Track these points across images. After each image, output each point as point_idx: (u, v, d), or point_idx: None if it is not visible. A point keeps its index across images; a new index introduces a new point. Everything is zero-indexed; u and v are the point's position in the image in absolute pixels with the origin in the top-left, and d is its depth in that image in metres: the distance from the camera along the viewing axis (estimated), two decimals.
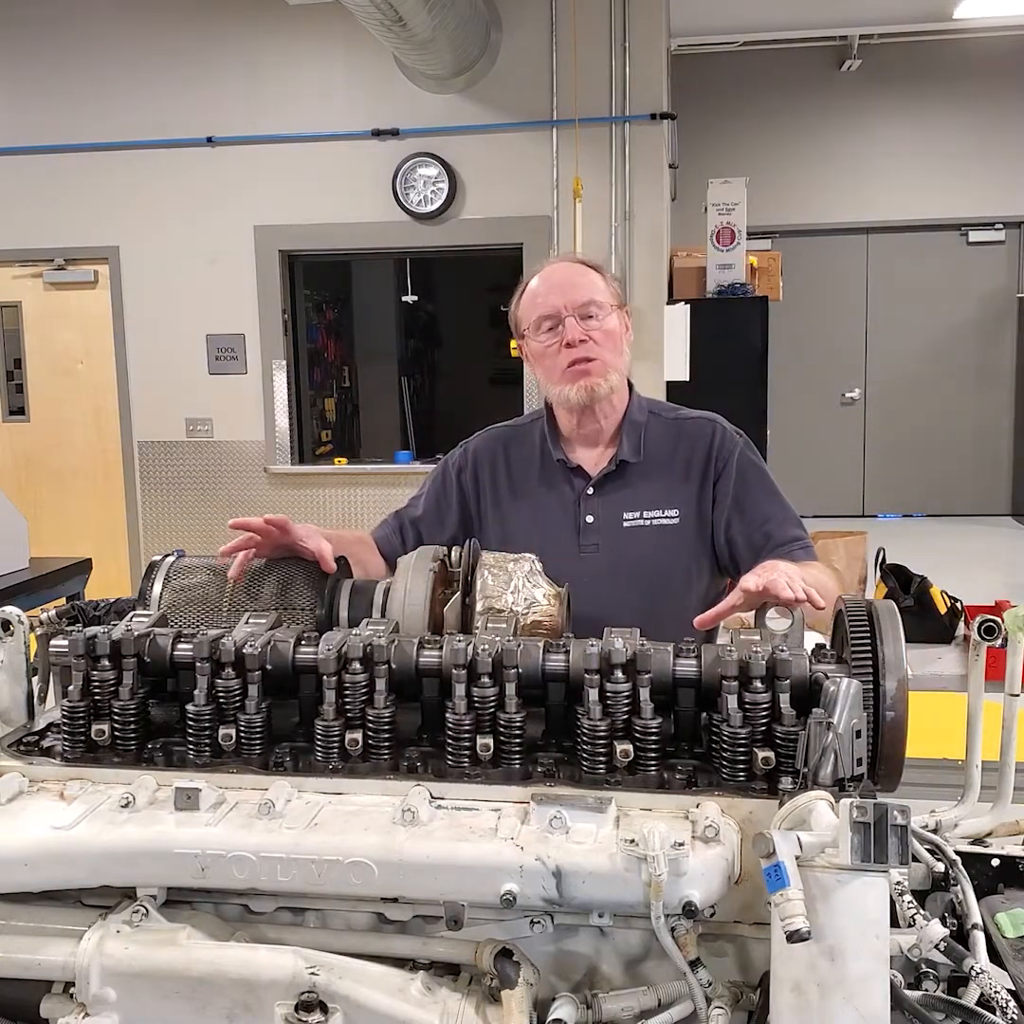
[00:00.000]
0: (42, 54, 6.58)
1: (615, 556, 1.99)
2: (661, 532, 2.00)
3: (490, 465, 2.13)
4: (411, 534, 2.12)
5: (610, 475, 2.04)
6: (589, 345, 1.98)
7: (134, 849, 1.20)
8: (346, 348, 8.45)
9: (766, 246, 8.14)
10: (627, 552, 1.99)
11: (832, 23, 7.91)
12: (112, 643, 1.36)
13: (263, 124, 6.42)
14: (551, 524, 2.04)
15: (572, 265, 2.06)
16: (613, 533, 2.00)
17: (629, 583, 1.96)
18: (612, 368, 2.01)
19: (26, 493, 6.65)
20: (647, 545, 1.99)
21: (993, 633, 1.61)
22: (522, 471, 2.11)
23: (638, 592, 1.95)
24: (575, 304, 1.97)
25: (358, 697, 1.31)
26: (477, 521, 2.12)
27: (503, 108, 6.22)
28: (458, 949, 1.22)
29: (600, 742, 1.26)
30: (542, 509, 2.06)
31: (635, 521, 2.01)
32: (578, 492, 2.05)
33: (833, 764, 1.10)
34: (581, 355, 1.97)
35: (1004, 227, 9.46)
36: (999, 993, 1.16)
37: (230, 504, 6.72)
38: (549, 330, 1.99)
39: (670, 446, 2.06)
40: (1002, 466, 9.68)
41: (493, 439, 2.17)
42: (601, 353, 1.99)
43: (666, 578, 1.98)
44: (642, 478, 2.03)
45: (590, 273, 2.04)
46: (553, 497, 2.06)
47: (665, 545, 1.99)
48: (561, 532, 2.03)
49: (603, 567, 1.97)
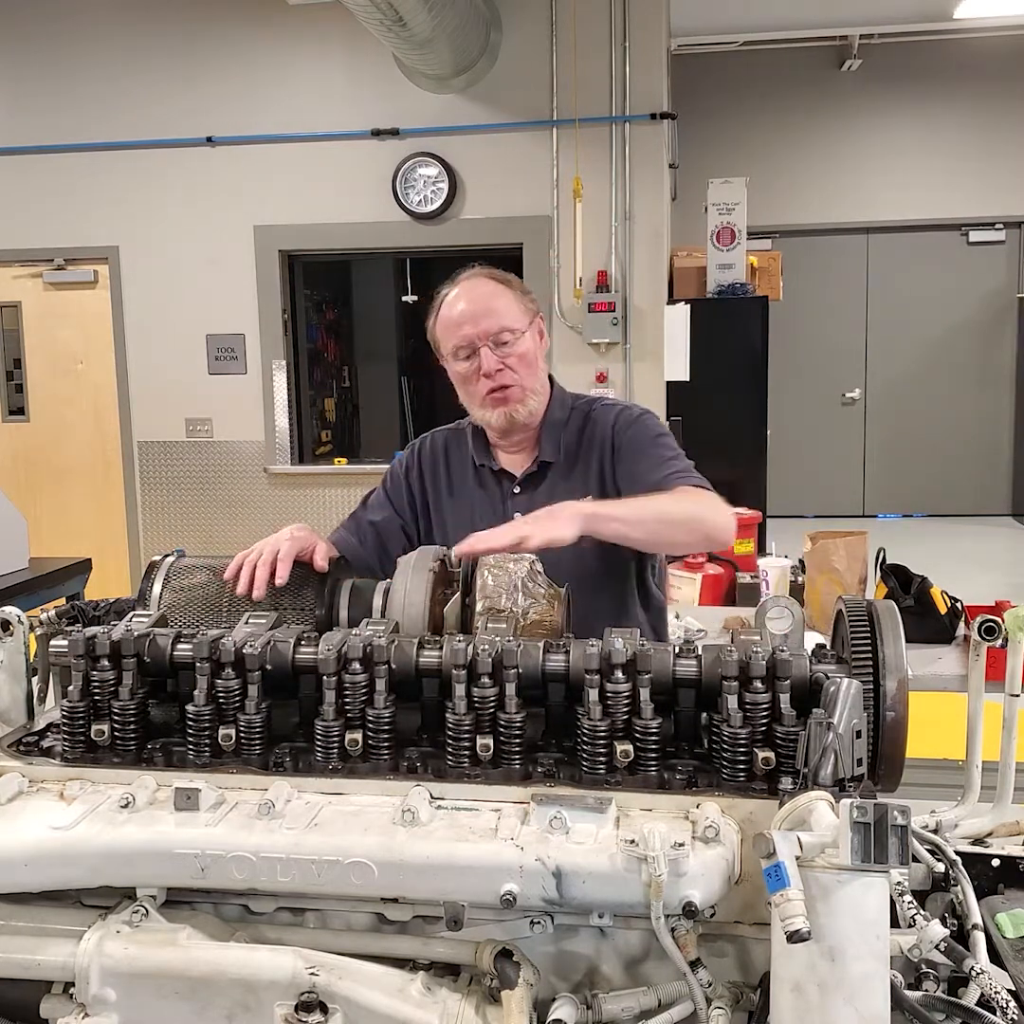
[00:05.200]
0: (42, 54, 6.57)
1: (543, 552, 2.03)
2: None
3: (432, 464, 2.22)
4: (369, 533, 2.18)
5: (533, 475, 2.14)
6: (505, 373, 2.04)
7: (134, 849, 1.20)
8: (346, 348, 8.45)
9: (766, 246, 8.14)
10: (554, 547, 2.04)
11: (832, 23, 7.90)
12: (112, 643, 1.36)
13: (263, 124, 6.42)
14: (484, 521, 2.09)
15: (482, 284, 2.09)
16: None
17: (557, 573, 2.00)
18: (530, 391, 2.09)
19: (26, 493, 6.65)
20: None
21: (993, 633, 1.62)
22: (459, 472, 2.20)
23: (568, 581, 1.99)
24: (488, 333, 2.02)
25: (358, 697, 1.31)
26: (424, 519, 2.20)
27: (503, 108, 6.22)
28: (458, 949, 1.22)
29: (600, 742, 1.26)
30: (476, 507, 2.15)
31: None
32: (505, 492, 2.15)
33: (833, 764, 1.10)
34: (498, 383, 2.04)
35: (1004, 227, 9.46)
36: (999, 993, 1.16)
37: (230, 504, 6.72)
38: (466, 358, 2.06)
39: (583, 438, 2.14)
40: (1002, 466, 9.68)
41: (436, 440, 2.26)
42: (517, 379, 2.06)
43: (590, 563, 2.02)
44: (560, 475, 2.12)
45: (501, 294, 2.07)
46: (484, 496, 2.16)
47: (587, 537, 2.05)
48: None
49: None
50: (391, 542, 2.16)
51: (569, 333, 6.25)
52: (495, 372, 2.03)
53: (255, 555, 1.67)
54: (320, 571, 1.70)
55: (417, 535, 2.19)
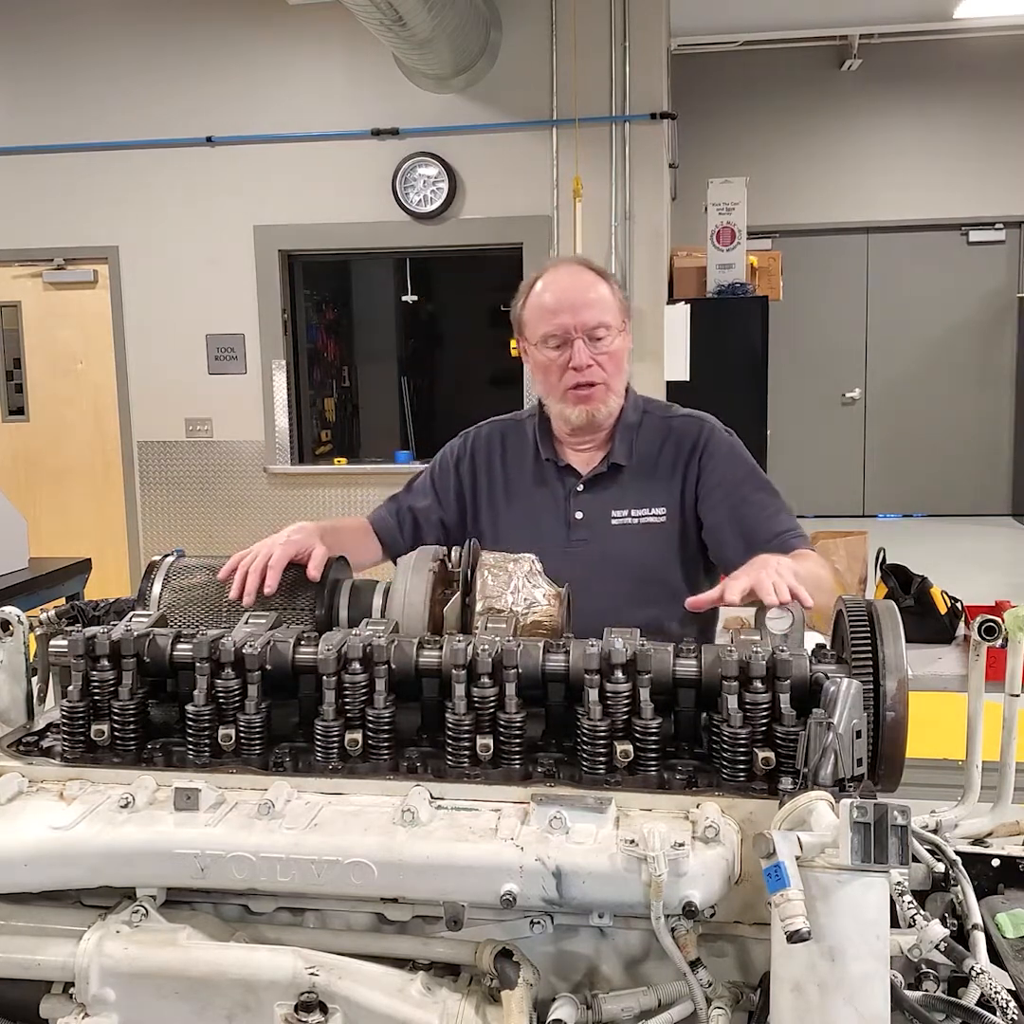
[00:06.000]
0: (42, 54, 6.57)
1: (603, 551, 2.02)
2: (648, 529, 2.03)
3: (487, 457, 2.15)
4: (408, 518, 2.14)
5: (600, 475, 2.07)
6: (595, 370, 1.98)
7: (134, 849, 1.20)
8: (346, 348, 8.44)
9: (766, 246, 8.13)
10: (615, 548, 2.02)
11: (832, 23, 7.90)
12: (112, 643, 1.36)
13: (263, 124, 6.42)
14: (542, 518, 2.07)
15: (581, 275, 2.02)
16: (601, 529, 2.04)
17: (617, 577, 1.98)
18: (613, 392, 2.03)
19: (26, 493, 6.65)
20: (634, 541, 2.02)
21: (993, 633, 1.62)
22: (517, 465, 2.13)
23: (626, 586, 1.98)
24: (586, 327, 1.96)
25: (358, 697, 1.31)
26: (472, 511, 2.14)
27: (503, 108, 6.22)
28: (458, 949, 1.22)
29: (600, 742, 1.26)
30: (534, 503, 2.09)
31: (623, 519, 2.04)
32: (568, 489, 2.08)
33: (833, 764, 1.10)
34: (586, 380, 1.98)
35: (1004, 227, 9.46)
36: (999, 993, 1.16)
37: (230, 504, 6.72)
38: (556, 347, 1.99)
39: (659, 445, 2.08)
40: (1002, 466, 9.68)
41: (493, 431, 2.19)
42: (605, 377, 2.00)
43: (653, 573, 2.00)
44: (631, 478, 2.06)
45: (599, 286, 2.00)
46: (545, 492, 2.09)
47: (652, 542, 2.03)
48: (552, 526, 2.06)
49: (591, 561, 1.99)
50: (427, 531, 2.12)
51: None
52: (585, 367, 1.96)
53: (249, 559, 1.64)
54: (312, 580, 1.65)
55: (459, 528, 2.13)
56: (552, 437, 2.12)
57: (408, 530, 2.13)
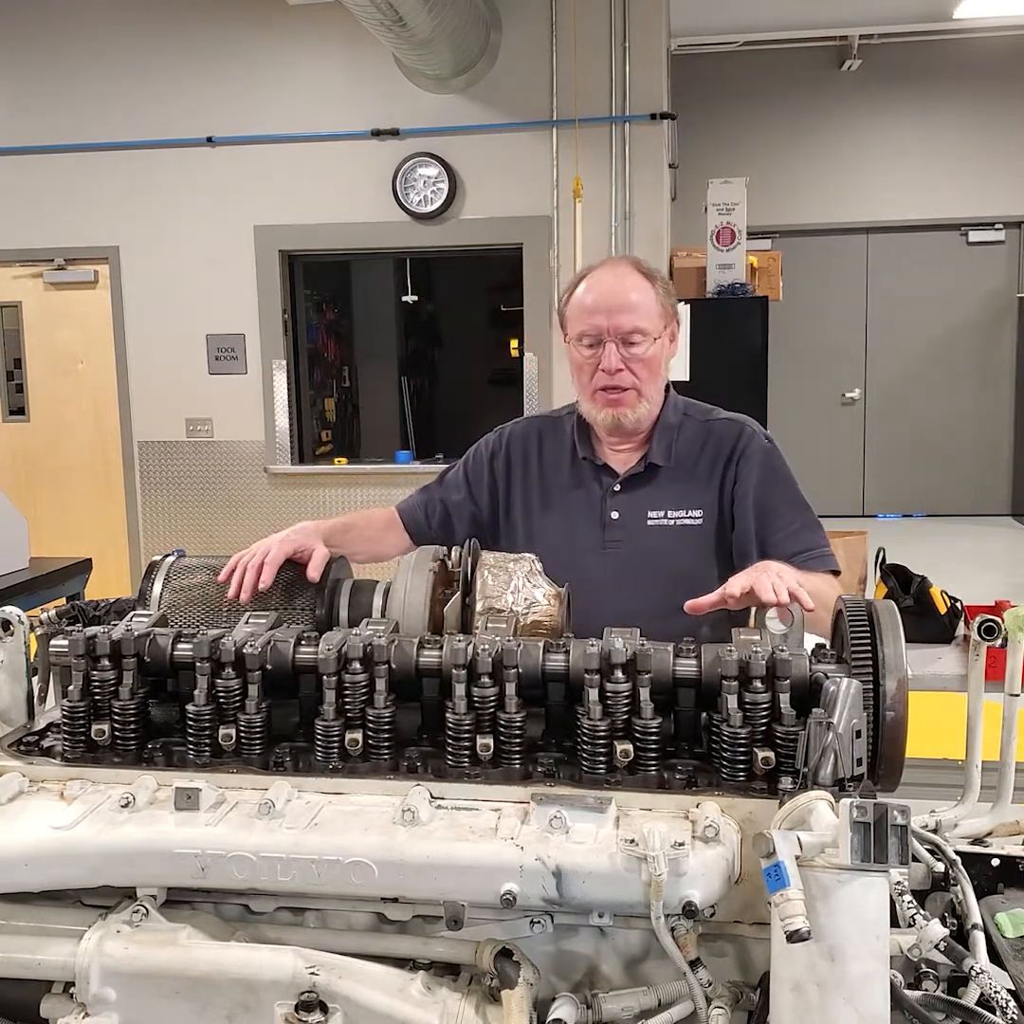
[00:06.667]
0: (42, 54, 6.57)
1: (638, 552, 2.00)
2: (684, 531, 2.01)
3: (523, 453, 2.13)
4: (438, 511, 2.13)
5: (637, 475, 2.05)
6: (624, 374, 1.96)
7: (134, 849, 1.20)
8: (346, 348, 8.44)
9: (766, 246, 8.13)
10: (650, 549, 2.01)
11: (832, 23, 7.90)
12: (112, 643, 1.36)
13: (263, 124, 6.42)
14: (577, 518, 2.05)
15: (627, 276, 1.99)
16: (637, 530, 2.02)
17: (652, 579, 1.97)
18: (644, 397, 2.00)
19: (26, 493, 6.65)
20: (670, 543, 2.00)
21: (993, 633, 1.61)
22: (553, 463, 2.11)
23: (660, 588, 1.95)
24: (619, 330, 1.94)
25: (358, 697, 1.31)
26: (505, 507, 2.12)
27: (503, 108, 6.22)
28: (458, 949, 1.22)
29: (600, 742, 1.26)
30: (570, 502, 2.07)
31: (659, 520, 2.02)
32: (605, 488, 2.06)
33: (833, 764, 1.10)
34: (614, 383, 1.97)
35: (1004, 227, 9.46)
36: (999, 993, 1.16)
37: (230, 504, 6.72)
38: (589, 346, 1.98)
39: (698, 448, 2.06)
40: (1002, 466, 9.67)
41: (529, 427, 2.17)
42: (636, 383, 1.97)
43: (687, 575, 1.97)
44: (669, 479, 2.04)
45: (643, 289, 1.97)
46: (581, 491, 2.07)
47: (687, 544, 2.01)
48: (586, 526, 2.04)
49: (626, 562, 1.98)
50: (458, 525, 2.10)
51: None
52: (615, 371, 1.95)
53: (248, 556, 1.66)
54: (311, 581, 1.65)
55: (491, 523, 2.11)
56: (590, 436, 2.10)
57: (437, 523, 2.11)
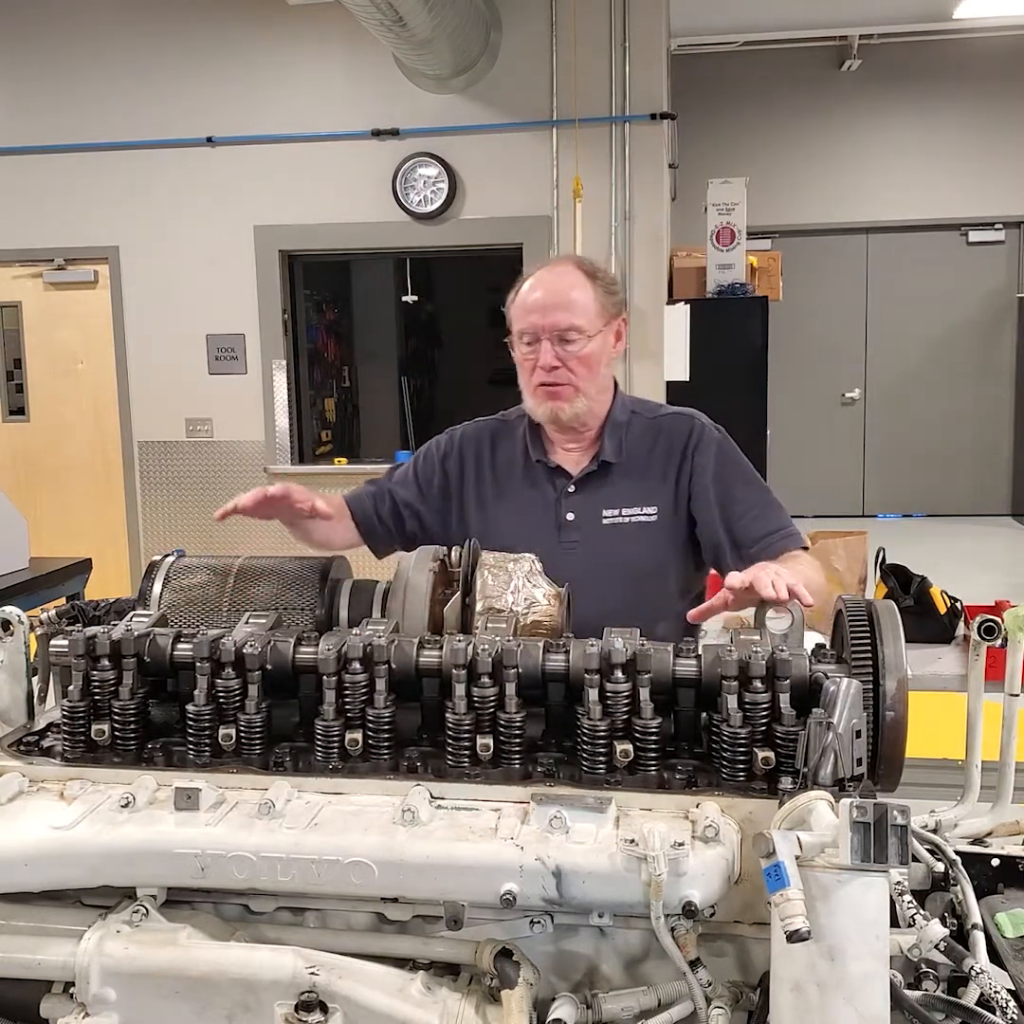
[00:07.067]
0: (42, 54, 6.57)
1: (595, 552, 2.01)
2: (639, 529, 2.03)
3: (475, 456, 2.14)
4: (388, 504, 2.13)
5: (591, 474, 2.07)
6: (560, 371, 1.99)
7: (134, 849, 1.20)
8: (346, 348, 8.44)
9: (766, 246, 8.13)
10: (606, 548, 2.02)
11: (832, 23, 7.90)
12: (112, 643, 1.36)
13: (263, 124, 6.41)
14: (533, 520, 2.06)
15: (566, 275, 2.02)
16: (593, 530, 2.03)
17: (609, 578, 1.97)
18: (581, 393, 2.03)
19: (26, 493, 6.64)
20: (626, 541, 2.02)
21: (993, 633, 1.62)
22: (506, 465, 2.13)
23: (618, 587, 1.97)
24: (555, 328, 1.97)
25: (358, 697, 1.31)
26: (459, 510, 2.12)
27: (503, 108, 6.22)
28: (458, 949, 1.22)
29: (600, 742, 1.26)
30: (524, 505, 2.08)
31: (614, 518, 2.04)
32: (559, 490, 2.08)
33: (833, 764, 1.10)
34: (550, 380, 2.00)
35: (1004, 227, 9.46)
36: (999, 993, 1.16)
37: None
38: (528, 344, 2.01)
39: (649, 444, 2.08)
40: (1002, 466, 9.67)
41: (481, 430, 2.18)
42: (573, 379, 2.00)
43: (645, 573, 2.00)
44: (622, 477, 2.06)
45: (582, 287, 2.01)
46: (535, 494, 2.09)
47: (643, 541, 2.03)
48: (542, 528, 2.05)
49: (583, 563, 1.98)
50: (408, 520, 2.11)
51: None
52: (551, 368, 1.98)
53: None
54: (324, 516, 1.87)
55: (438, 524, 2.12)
56: (542, 438, 2.12)
57: (386, 513, 2.11)
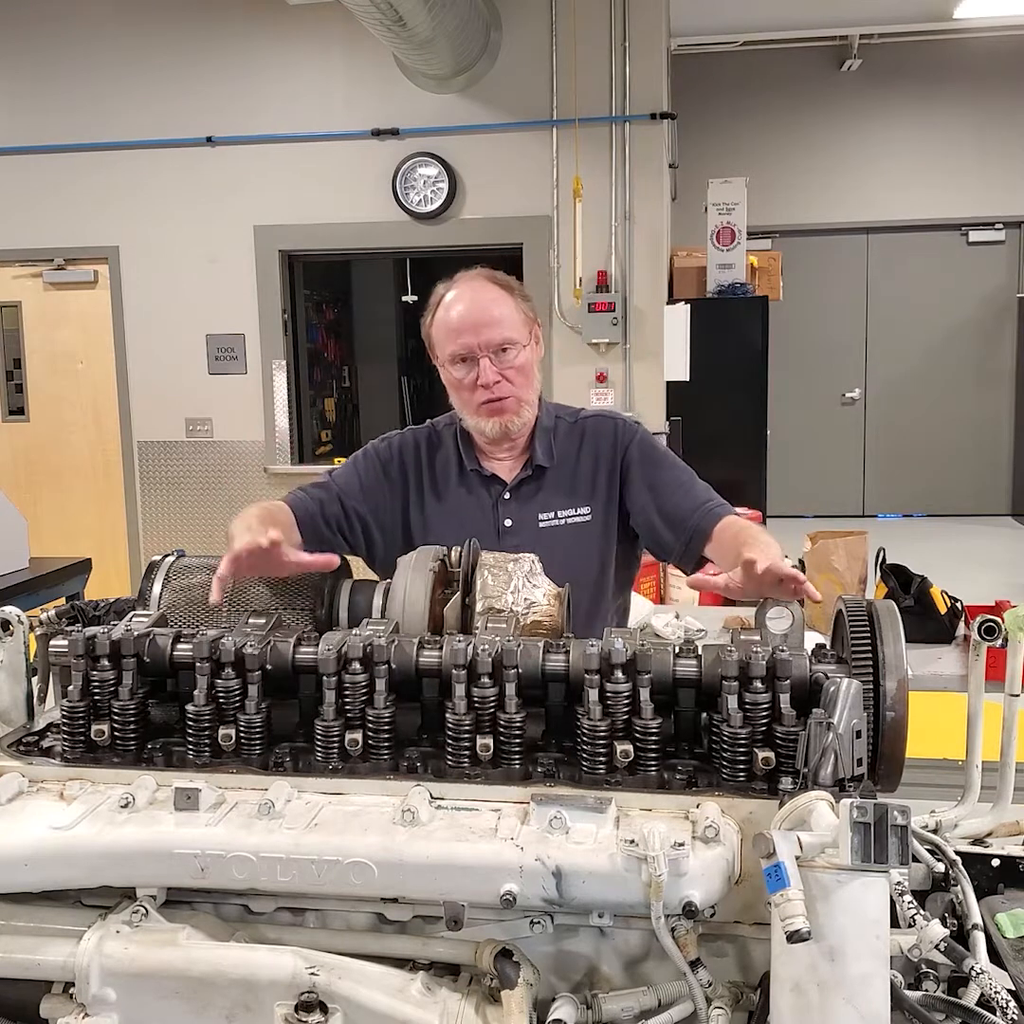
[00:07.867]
0: (42, 54, 6.57)
1: None
2: (575, 530, 2.08)
3: (415, 462, 2.15)
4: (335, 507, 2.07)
5: (525, 480, 2.11)
6: (502, 385, 2.01)
7: (134, 849, 1.20)
8: (346, 348, 8.45)
9: (766, 246, 8.14)
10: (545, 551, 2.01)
11: (832, 23, 7.90)
12: (112, 643, 1.36)
13: (263, 124, 6.42)
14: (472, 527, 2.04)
15: (485, 289, 2.04)
16: (531, 534, 2.06)
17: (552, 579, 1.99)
18: (525, 402, 2.06)
19: (26, 493, 6.65)
20: (563, 543, 2.05)
21: (993, 633, 1.62)
22: (443, 473, 2.15)
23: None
24: (490, 344, 1.99)
25: (358, 697, 1.31)
26: (402, 517, 2.12)
27: (503, 108, 6.22)
28: (458, 949, 1.22)
29: (600, 742, 1.26)
30: (463, 512, 2.10)
31: (550, 521, 2.08)
32: (495, 497, 2.11)
33: (833, 764, 1.10)
34: (495, 396, 2.02)
35: (1004, 227, 9.45)
36: (999, 993, 1.16)
37: (230, 504, 6.71)
38: (462, 362, 2.02)
39: (576, 447, 2.13)
40: (1002, 466, 9.67)
41: (418, 437, 2.18)
42: (514, 391, 2.03)
43: (582, 572, 2.02)
44: (554, 480, 2.11)
45: (503, 302, 2.03)
46: (472, 501, 2.12)
47: (580, 541, 2.08)
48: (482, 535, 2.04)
49: None
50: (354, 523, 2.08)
51: (569, 333, 6.25)
52: (493, 384, 2.00)
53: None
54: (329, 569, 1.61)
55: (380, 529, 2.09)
56: (474, 448, 2.14)
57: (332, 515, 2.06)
